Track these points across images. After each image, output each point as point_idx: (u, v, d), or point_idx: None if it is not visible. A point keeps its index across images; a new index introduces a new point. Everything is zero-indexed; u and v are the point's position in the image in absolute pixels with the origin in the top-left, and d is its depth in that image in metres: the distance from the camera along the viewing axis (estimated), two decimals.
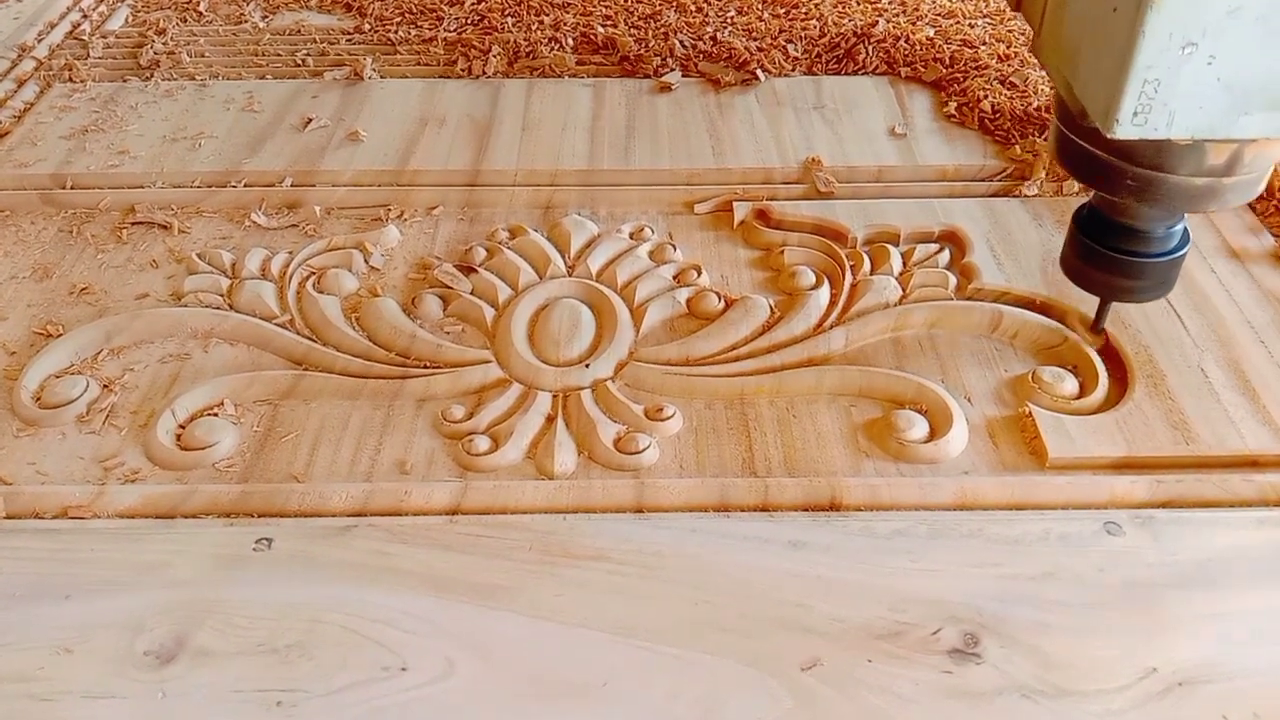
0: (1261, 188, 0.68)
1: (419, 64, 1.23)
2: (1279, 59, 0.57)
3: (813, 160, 1.00)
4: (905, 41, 1.21)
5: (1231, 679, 0.59)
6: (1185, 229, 0.75)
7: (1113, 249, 0.74)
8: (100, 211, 0.98)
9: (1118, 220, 0.73)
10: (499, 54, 1.22)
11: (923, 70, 1.16)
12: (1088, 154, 0.69)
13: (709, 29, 1.27)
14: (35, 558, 0.66)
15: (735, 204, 0.97)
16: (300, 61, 1.23)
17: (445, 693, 0.59)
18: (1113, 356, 0.81)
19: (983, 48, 1.20)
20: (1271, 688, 0.59)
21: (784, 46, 1.23)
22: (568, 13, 1.32)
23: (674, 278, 0.89)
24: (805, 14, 1.30)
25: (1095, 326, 0.82)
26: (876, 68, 1.19)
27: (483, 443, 0.74)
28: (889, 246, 0.91)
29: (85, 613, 0.63)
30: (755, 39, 1.24)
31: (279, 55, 1.25)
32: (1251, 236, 0.93)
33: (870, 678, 0.59)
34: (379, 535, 0.67)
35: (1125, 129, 0.59)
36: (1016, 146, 1.03)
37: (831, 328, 0.84)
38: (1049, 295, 0.86)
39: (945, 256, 0.91)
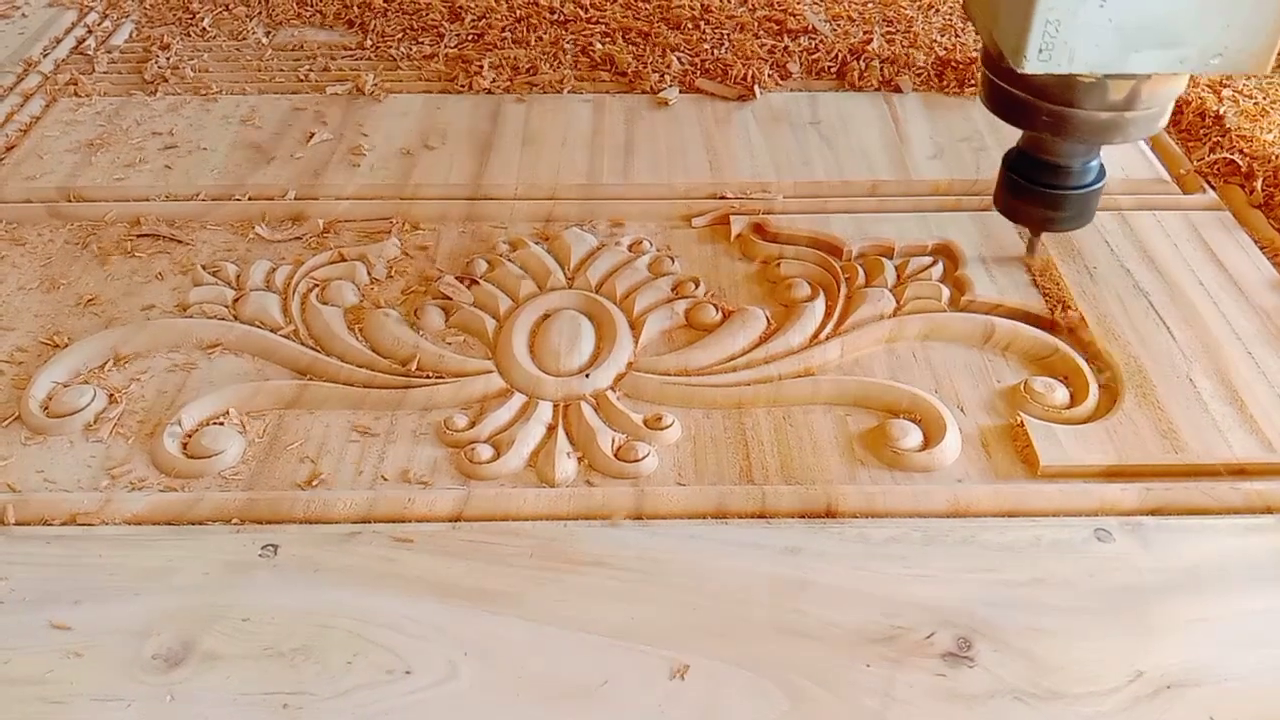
0: (1163, 123, 0.79)
1: (420, 79, 1.25)
2: (1161, 3, 0.67)
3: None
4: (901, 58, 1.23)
5: (1219, 682, 0.60)
6: (1101, 165, 0.86)
7: (1037, 183, 0.85)
8: (106, 224, 1.00)
9: (1041, 158, 0.84)
10: (492, 67, 1.24)
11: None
12: (1010, 95, 0.80)
13: (706, 46, 1.29)
14: (44, 563, 0.67)
15: (732, 217, 0.99)
16: (303, 77, 1.25)
17: (449, 695, 0.60)
18: (1102, 367, 0.83)
19: None
20: (1258, 691, 0.60)
21: (780, 63, 1.25)
22: (567, 30, 1.34)
23: (672, 289, 0.91)
24: (801, 31, 1.32)
25: (1028, 254, 0.93)
26: (871, 84, 1.22)
27: (485, 451, 0.75)
28: (883, 259, 0.93)
29: (94, 617, 0.64)
30: (752, 56, 1.26)
31: (282, 70, 1.27)
32: (1239, 249, 0.95)
33: (865, 680, 0.60)
34: (383, 541, 0.69)
35: (1033, 65, 0.70)
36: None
37: (827, 339, 0.85)
38: (1040, 307, 0.88)
39: (939, 269, 0.93)
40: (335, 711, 0.59)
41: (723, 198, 1.02)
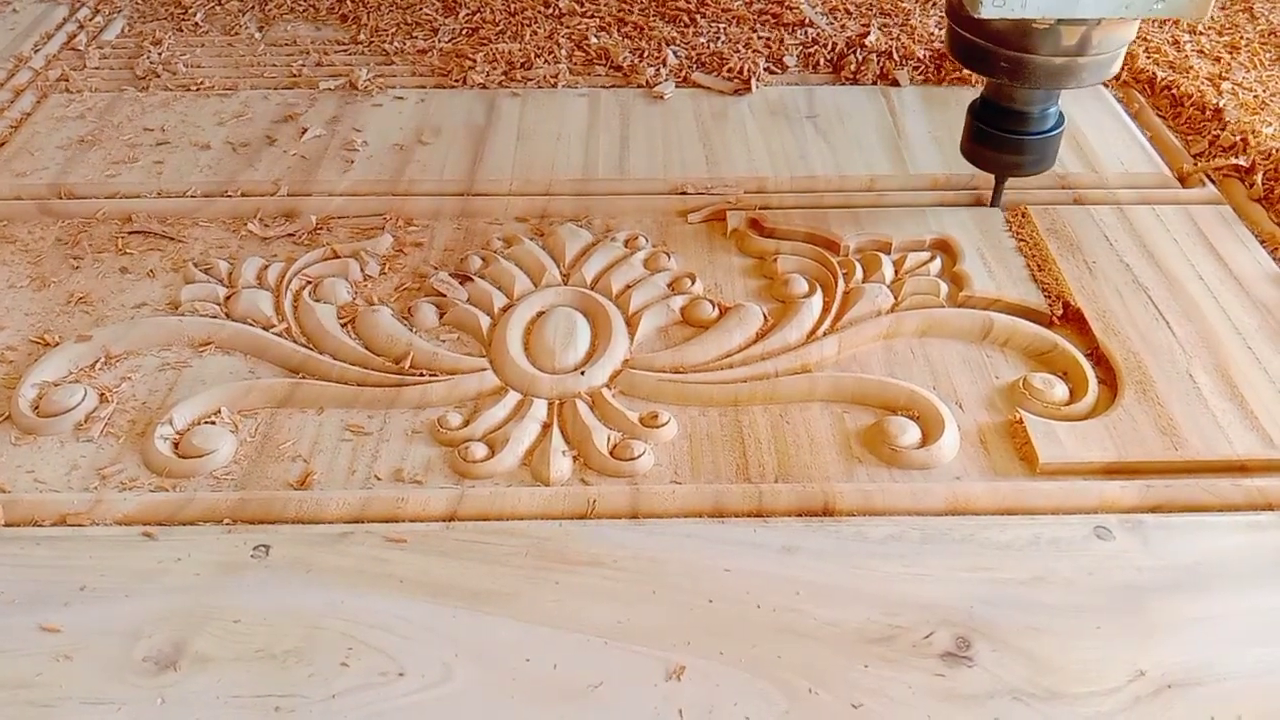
0: (1115, 69, 0.86)
1: (414, 74, 1.24)
2: None
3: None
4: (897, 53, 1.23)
5: (1219, 681, 0.60)
6: (1060, 112, 0.91)
7: (1000, 130, 0.91)
8: (98, 221, 0.99)
9: (1002, 105, 0.90)
10: (486, 61, 1.23)
11: None
12: (970, 43, 0.86)
13: (702, 39, 1.28)
14: (34, 565, 0.66)
15: (728, 213, 0.98)
16: (296, 72, 1.24)
17: (442, 697, 0.59)
18: (1102, 363, 0.82)
19: None
20: (1258, 690, 0.60)
21: (777, 57, 1.24)
22: (562, 24, 1.33)
23: (668, 286, 0.90)
24: (798, 24, 1.31)
25: (993, 202, 0.98)
26: (868, 78, 1.21)
27: (479, 450, 0.74)
28: (881, 255, 0.92)
29: (84, 619, 0.63)
30: (748, 49, 1.25)
31: (274, 66, 1.26)
32: (1239, 244, 0.94)
33: (864, 681, 0.60)
34: (376, 542, 0.68)
35: (989, 9, 0.77)
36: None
37: (824, 335, 0.84)
38: (1039, 303, 0.87)
39: (936, 264, 0.92)
40: (328, 714, 0.58)
41: (735, 194, 1.01)
